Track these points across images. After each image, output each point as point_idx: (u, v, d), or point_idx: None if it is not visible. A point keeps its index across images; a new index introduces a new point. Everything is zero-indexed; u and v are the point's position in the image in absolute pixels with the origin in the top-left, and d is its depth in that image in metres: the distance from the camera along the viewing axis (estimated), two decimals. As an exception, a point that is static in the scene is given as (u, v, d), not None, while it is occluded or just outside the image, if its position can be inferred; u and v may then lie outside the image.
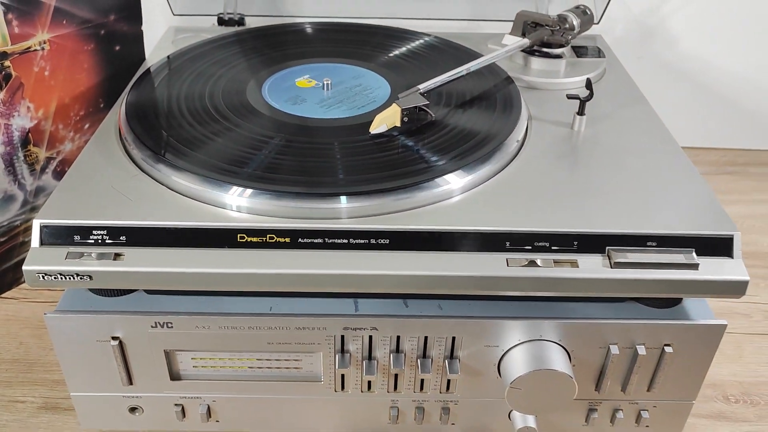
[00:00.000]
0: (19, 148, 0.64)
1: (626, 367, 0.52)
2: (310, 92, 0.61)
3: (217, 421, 0.55)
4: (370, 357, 0.51)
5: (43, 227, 0.47)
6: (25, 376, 0.61)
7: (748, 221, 0.85)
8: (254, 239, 0.47)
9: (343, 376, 0.52)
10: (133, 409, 0.54)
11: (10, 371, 0.62)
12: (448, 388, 0.53)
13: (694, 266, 0.47)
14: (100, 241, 0.47)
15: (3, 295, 0.70)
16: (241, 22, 0.81)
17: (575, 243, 0.48)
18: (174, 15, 0.81)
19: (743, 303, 0.72)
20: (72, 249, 0.47)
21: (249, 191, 0.48)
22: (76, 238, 0.47)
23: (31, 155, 0.65)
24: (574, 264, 0.47)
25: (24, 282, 0.71)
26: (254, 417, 0.55)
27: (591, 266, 0.47)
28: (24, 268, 0.46)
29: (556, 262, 0.47)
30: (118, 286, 0.48)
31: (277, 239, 0.47)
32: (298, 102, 0.60)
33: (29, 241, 0.69)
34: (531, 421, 0.53)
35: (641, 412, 0.55)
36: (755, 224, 0.84)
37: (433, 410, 0.55)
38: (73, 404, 0.57)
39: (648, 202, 0.51)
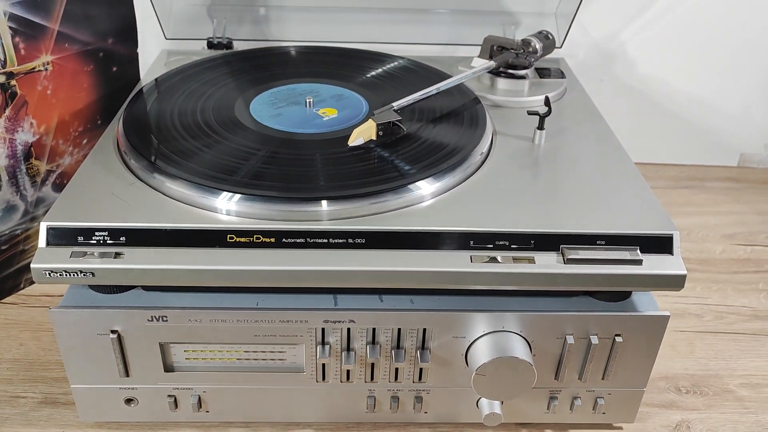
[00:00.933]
0: (22, 161, 0.69)
1: (582, 356, 0.57)
2: (294, 109, 0.67)
3: (207, 411, 0.60)
4: (348, 348, 0.56)
5: (49, 229, 0.51)
6: (26, 374, 0.65)
7: (704, 231, 0.91)
8: (242, 239, 0.52)
9: (324, 365, 0.57)
10: (128, 401, 0.58)
11: (11, 370, 0.66)
12: (420, 377, 0.58)
13: (638, 262, 0.53)
14: (101, 241, 0.52)
15: (3, 301, 0.73)
16: (229, 46, 0.87)
17: (532, 242, 0.53)
18: (166, 39, 0.86)
19: (695, 304, 0.78)
20: (76, 249, 0.51)
21: (237, 196, 0.53)
22: (80, 238, 0.52)
23: (32, 168, 0.70)
24: (531, 260, 0.52)
25: (23, 288, 0.75)
26: (241, 407, 0.60)
27: (546, 262, 0.52)
28: (32, 265, 0.50)
29: (515, 258, 0.53)
30: (118, 282, 0.52)
31: (263, 239, 0.52)
32: (282, 118, 0.65)
33: (29, 249, 0.73)
34: (497, 408, 0.58)
35: (597, 399, 0.60)
36: (709, 234, 0.90)
37: (407, 399, 0.60)
38: (71, 399, 0.62)
39: (598, 205, 0.56)
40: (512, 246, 0.53)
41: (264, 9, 0.89)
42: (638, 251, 0.53)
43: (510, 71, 0.75)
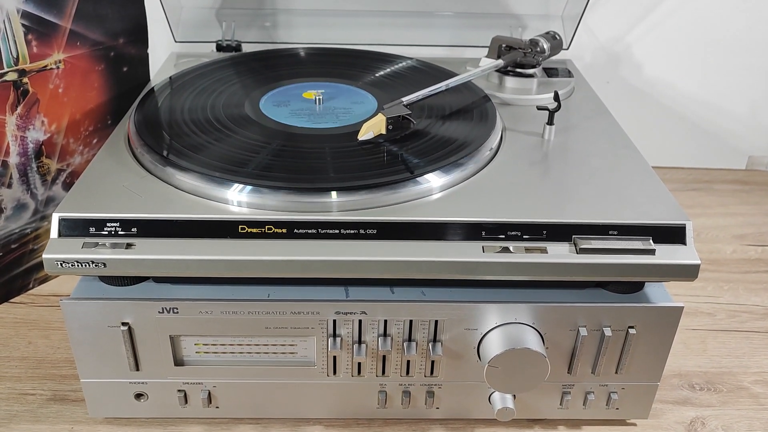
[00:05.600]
0: (33, 159, 0.69)
1: (595, 349, 0.56)
2: (304, 105, 0.67)
3: (217, 407, 0.59)
4: (359, 341, 0.56)
5: (61, 220, 0.52)
6: (35, 371, 0.65)
7: (713, 232, 0.90)
8: (254, 230, 0.52)
9: (335, 358, 0.56)
10: (138, 396, 0.58)
11: (20, 367, 0.65)
12: (432, 371, 0.58)
13: (651, 251, 0.52)
14: (113, 232, 0.52)
15: (12, 300, 0.73)
16: (238, 48, 0.87)
17: (544, 232, 0.53)
18: (176, 42, 0.87)
19: (708, 303, 0.77)
20: (87, 239, 0.51)
21: (249, 188, 0.53)
22: (91, 229, 0.52)
23: (43, 166, 0.70)
24: (543, 250, 0.52)
25: (32, 288, 0.75)
26: (251, 403, 0.59)
27: (559, 252, 0.52)
28: (44, 256, 0.50)
29: (527, 249, 0.52)
30: (130, 273, 0.52)
31: (275, 230, 0.52)
32: (292, 114, 0.65)
33: (39, 249, 0.73)
34: (509, 402, 0.57)
35: (611, 394, 0.59)
36: (719, 234, 0.90)
37: (419, 394, 0.59)
38: (80, 396, 0.61)
39: (610, 196, 0.56)
40: (524, 236, 0.53)
41: (272, 13, 0.90)
42: (651, 241, 0.53)
43: (518, 70, 0.76)
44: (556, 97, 0.65)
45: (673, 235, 0.53)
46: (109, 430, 0.59)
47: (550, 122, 0.65)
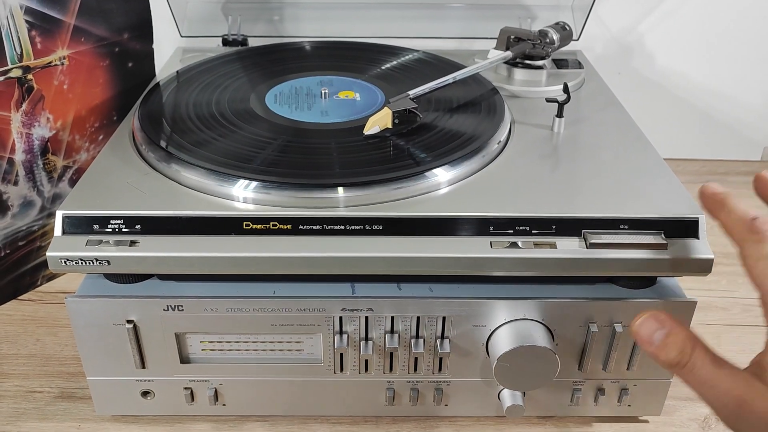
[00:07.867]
0: (39, 157, 0.69)
1: (606, 345, 0.56)
2: (308, 100, 0.66)
3: (224, 404, 0.59)
4: (366, 337, 0.55)
5: (65, 217, 0.51)
6: (42, 369, 0.65)
7: (727, 225, 0.89)
8: (258, 226, 0.51)
9: (341, 355, 0.56)
10: (145, 393, 0.58)
11: (27, 365, 0.65)
12: (440, 368, 0.57)
13: (663, 246, 0.51)
14: (117, 229, 0.51)
15: (20, 298, 0.73)
16: (244, 43, 0.87)
17: (554, 227, 0.52)
18: (181, 37, 0.86)
19: (722, 298, 0.76)
20: (91, 237, 0.51)
21: (254, 183, 0.53)
22: (95, 227, 0.51)
23: (49, 163, 0.70)
24: (552, 245, 0.51)
25: (40, 285, 0.75)
26: (258, 401, 0.59)
27: (568, 247, 0.51)
28: (48, 254, 0.50)
29: (536, 244, 0.51)
30: (134, 271, 0.52)
31: (280, 226, 0.51)
32: (298, 108, 0.65)
33: (46, 246, 0.73)
34: (519, 399, 0.57)
35: (622, 390, 0.58)
36: (733, 227, 0.88)
37: (427, 391, 0.58)
38: (87, 394, 0.61)
39: (621, 190, 0.55)
40: (533, 231, 0.52)
41: (278, 7, 0.89)
42: (663, 235, 0.52)
43: (527, 61, 0.74)
44: (566, 89, 0.64)
45: (686, 229, 0.52)
46: (116, 428, 0.59)
47: (560, 115, 0.64)
